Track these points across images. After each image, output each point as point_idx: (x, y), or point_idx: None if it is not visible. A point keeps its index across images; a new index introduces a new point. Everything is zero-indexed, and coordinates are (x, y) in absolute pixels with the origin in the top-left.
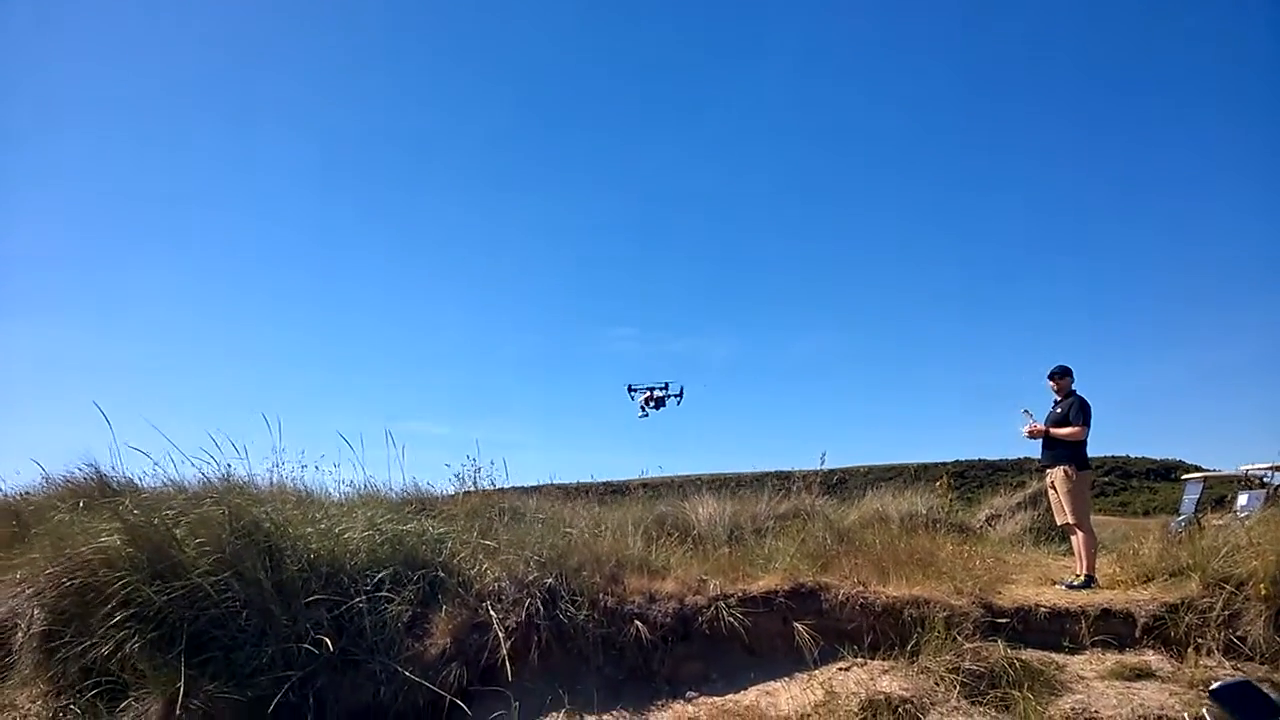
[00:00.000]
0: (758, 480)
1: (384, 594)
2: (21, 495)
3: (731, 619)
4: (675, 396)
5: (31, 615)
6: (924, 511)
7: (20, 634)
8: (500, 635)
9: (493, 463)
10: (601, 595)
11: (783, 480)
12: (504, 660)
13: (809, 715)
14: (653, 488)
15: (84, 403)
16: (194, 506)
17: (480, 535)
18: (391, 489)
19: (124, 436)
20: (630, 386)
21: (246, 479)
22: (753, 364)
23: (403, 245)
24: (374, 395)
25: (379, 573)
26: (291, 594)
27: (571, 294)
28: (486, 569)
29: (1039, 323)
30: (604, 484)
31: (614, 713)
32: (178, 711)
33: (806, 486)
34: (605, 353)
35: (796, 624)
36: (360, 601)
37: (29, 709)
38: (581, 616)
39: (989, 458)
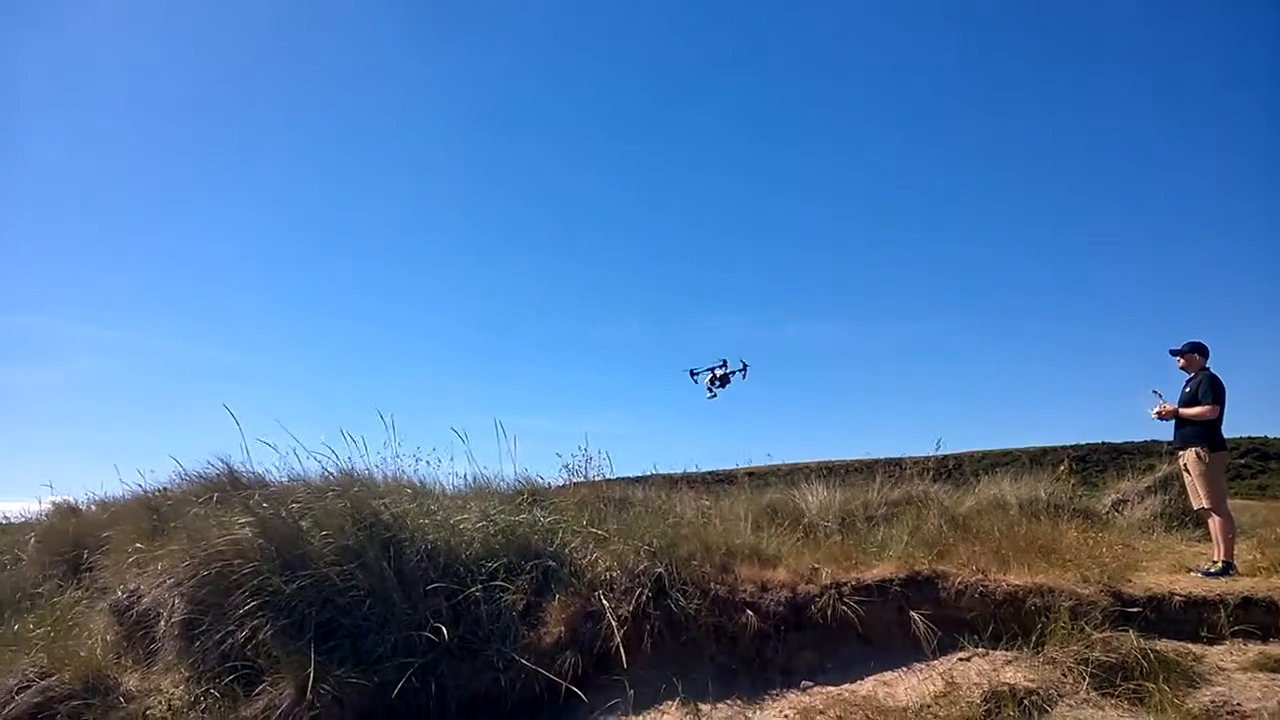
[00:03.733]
0: (867, 467)
1: (499, 583)
2: (160, 491)
3: (845, 608)
4: (738, 371)
5: (173, 604)
6: (1044, 497)
7: (163, 622)
8: (613, 624)
9: (601, 453)
10: (712, 584)
11: (893, 467)
12: (617, 649)
13: (929, 706)
14: (759, 476)
15: (216, 406)
16: (317, 500)
17: (590, 525)
18: (502, 481)
19: (252, 434)
20: (692, 371)
21: (366, 473)
22: (854, 349)
23: (508, 243)
24: (484, 391)
25: (493, 562)
26: (411, 583)
27: (669, 283)
28: (597, 558)
29: (1166, 299)
30: (708, 473)
31: (728, 702)
32: (309, 696)
33: (919, 473)
34: (705, 343)
35: (913, 613)
36: (476, 590)
37: (173, 693)
38: (693, 606)
39: (1112, 440)
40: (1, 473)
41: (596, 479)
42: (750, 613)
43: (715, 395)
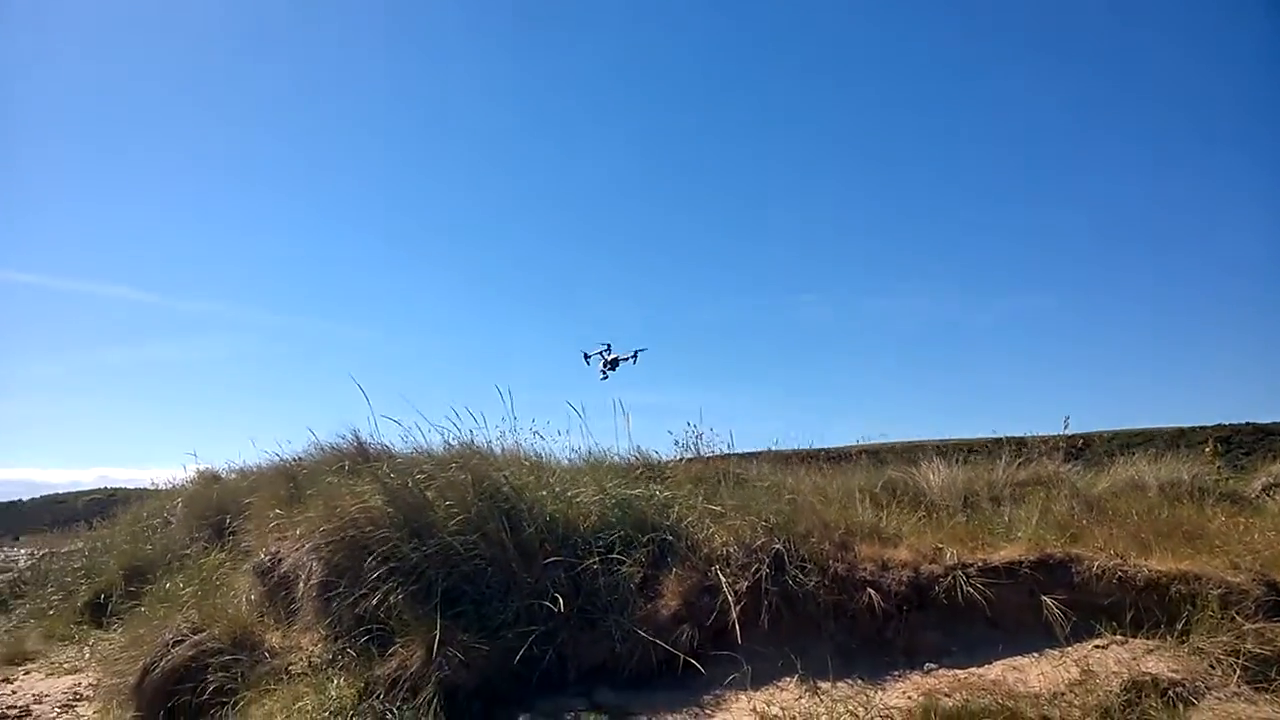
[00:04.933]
0: (988, 446)
1: (615, 556)
2: (296, 460)
3: (971, 589)
4: (630, 358)
5: (310, 567)
6: (1187, 479)
7: (301, 584)
8: (730, 599)
9: (714, 429)
10: (831, 562)
11: (1018, 446)
12: (734, 624)
13: (1063, 694)
14: (875, 454)
15: (345, 380)
16: (441, 471)
17: (706, 500)
18: (616, 455)
19: (380, 408)
20: (585, 354)
21: (485, 446)
22: (967, 324)
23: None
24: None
25: (610, 535)
26: (530, 554)
27: (775, 260)
28: (714, 533)
29: None
30: (821, 450)
31: (848, 681)
32: (437, 658)
33: (1047, 452)
34: (812, 317)
35: (1045, 597)
36: (594, 562)
37: (312, 650)
38: (811, 583)
39: (1259, 421)
40: (152, 443)
41: (710, 454)
42: (871, 591)
43: (607, 377)
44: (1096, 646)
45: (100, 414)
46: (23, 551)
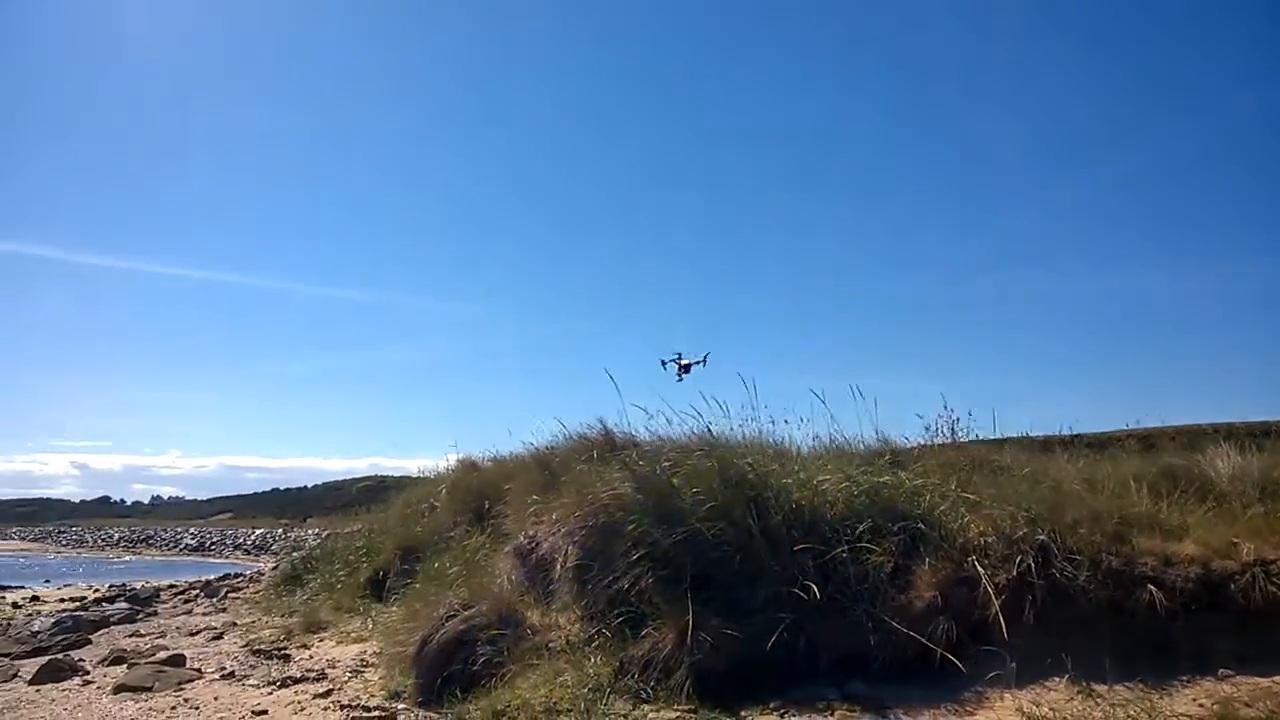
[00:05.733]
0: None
1: (864, 544)
2: (549, 449)
3: (1274, 589)
4: (699, 361)
5: (566, 551)
6: None
7: (558, 566)
8: (990, 591)
9: (970, 414)
10: (1103, 555)
11: None
12: (995, 618)
13: None
14: (1145, 439)
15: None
16: (685, 458)
17: (959, 488)
18: (861, 442)
19: (628, 399)
20: (662, 360)
21: (728, 434)
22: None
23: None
24: (842, 354)
25: (858, 524)
26: (778, 541)
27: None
28: (969, 522)
29: None
30: (1080, 436)
31: (1128, 685)
32: (689, 642)
33: None
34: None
35: None
36: (842, 551)
37: (569, 629)
38: (1081, 577)
39: None
40: (417, 435)
41: (962, 440)
42: (1153, 588)
43: (682, 379)
44: None
45: (372, 409)
46: (311, 532)
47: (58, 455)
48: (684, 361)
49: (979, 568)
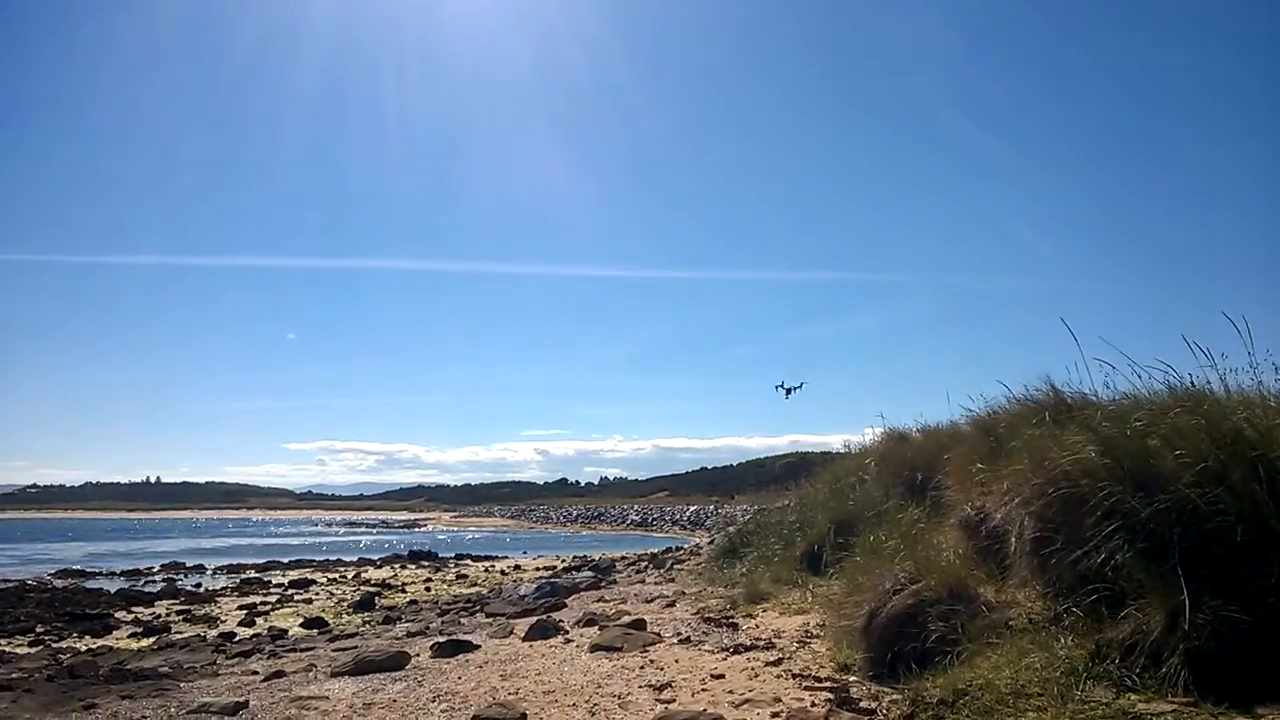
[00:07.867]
0: None
1: None
2: (991, 414)
3: None
4: (798, 387)
5: (1021, 522)
6: None
7: (1013, 539)
8: None
9: None
10: None
11: None
12: None
13: None
14: None
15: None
16: (1159, 417)
17: None
18: None
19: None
20: (776, 386)
21: (1213, 387)
22: None
23: None
24: None
25: None
26: None
27: None
28: None
29: None
30: None
31: None
32: (1183, 626)
33: None
34: None
35: None
36: None
37: (1031, 607)
38: None
39: None
40: (839, 410)
41: None
42: None
43: (789, 399)
44: None
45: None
46: (740, 508)
47: (524, 443)
48: (788, 386)
49: None
